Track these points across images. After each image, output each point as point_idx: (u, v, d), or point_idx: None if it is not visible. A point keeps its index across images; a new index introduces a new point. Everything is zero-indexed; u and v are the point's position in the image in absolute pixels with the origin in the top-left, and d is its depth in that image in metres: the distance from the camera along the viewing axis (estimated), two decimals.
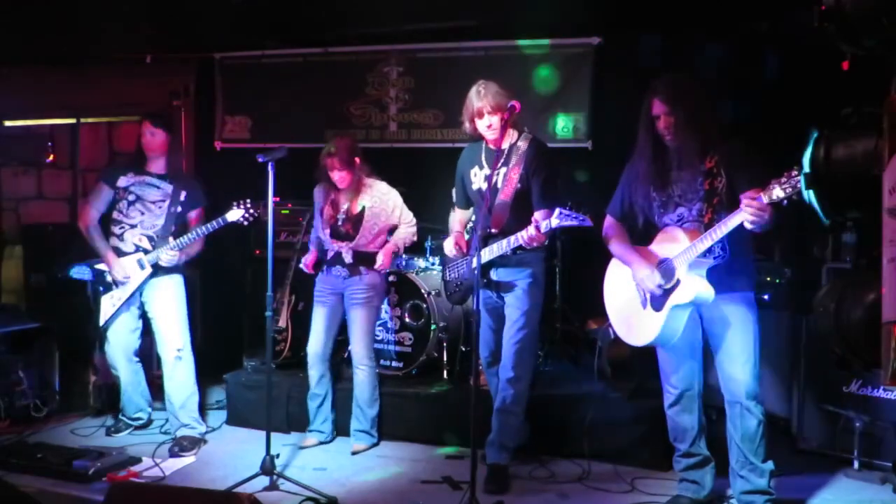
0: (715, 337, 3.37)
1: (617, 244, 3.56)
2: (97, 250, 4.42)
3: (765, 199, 2.91)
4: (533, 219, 3.57)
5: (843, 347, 3.39)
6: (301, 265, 4.51)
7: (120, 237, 4.40)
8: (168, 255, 4.31)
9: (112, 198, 4.46)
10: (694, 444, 3.52)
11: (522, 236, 3.59)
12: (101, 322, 4.43)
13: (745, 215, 2.98)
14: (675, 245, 3.28)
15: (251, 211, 4.24)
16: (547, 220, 3.47)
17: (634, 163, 3.50)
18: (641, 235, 3.55)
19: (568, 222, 3.40)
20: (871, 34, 3.02)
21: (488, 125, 3.76)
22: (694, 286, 3.21)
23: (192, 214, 4.50)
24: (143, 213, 4.40)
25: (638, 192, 3.46)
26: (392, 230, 4.49)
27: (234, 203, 4.25)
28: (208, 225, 4.31)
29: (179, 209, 4.43)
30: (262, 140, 5.80)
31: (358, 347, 4.40)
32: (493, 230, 3.79)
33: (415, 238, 4.55)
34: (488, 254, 3.76)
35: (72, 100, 6.28)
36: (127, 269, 4.35)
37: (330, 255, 4.39)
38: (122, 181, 4.44)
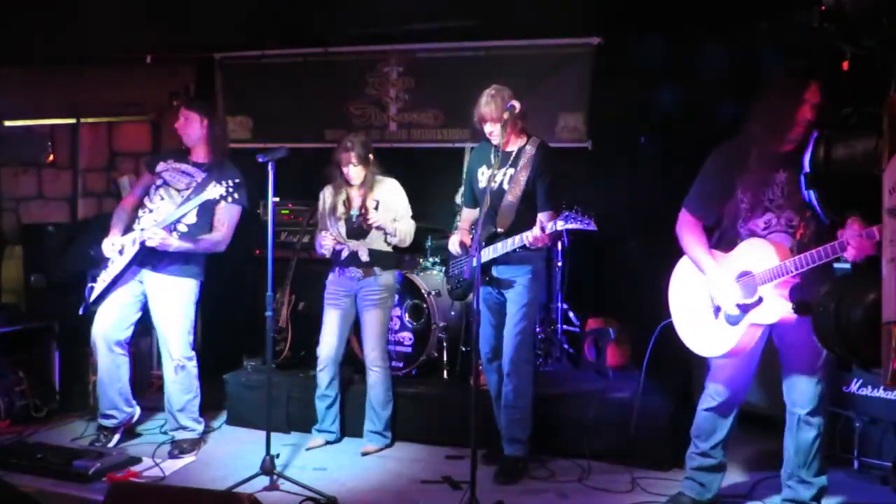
0: (785, 347, 3.24)
1: (693, 245, 3.29)
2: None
3: (878, 236, 2.68)
4: (538, 220, 3.62)
5: (843, 347, 3.39)
6: (322, 249, 4.33)
7: (138, 220, 4.30)
8: (151, 231, 4.08)
9: (149, 182, 4.42)
10: (715, 447, 3.43)
11: (527, 237, 3.64)
12: (91, 299, 4.32)
13: (850, 251, 2.76)
14: (760, 259, 3.07)
15: (231, 190, 3.99)
16: (552, 223, 3.52)
17: (729, 153, 3.25)
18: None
19: (573, 225, 3.45)
20: (871, 34, 3.02)
21: (490, 132, 3.88)
22: (778, 308, 3.04)
23: (217, 207, 4.22)
24: (162, 199, 4.29)
25: (730, 187, 3.21)
26: None
27: (215, 181, 4.04)
28: (184, 201, 4.11)
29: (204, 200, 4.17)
30: (262, 140, 5.79)
31: (373, 349, 4.38)
32: (498, 230, 3.88)
33: (408, 239, 4.44)
34: (492, 252, 3.82)
35: (72, 100, 6.27)
36: (116, 246, 4.24)
37: (344, 254, 4.36)
38: (160, 166, 4.40)
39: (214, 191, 4.00)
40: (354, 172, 4.31)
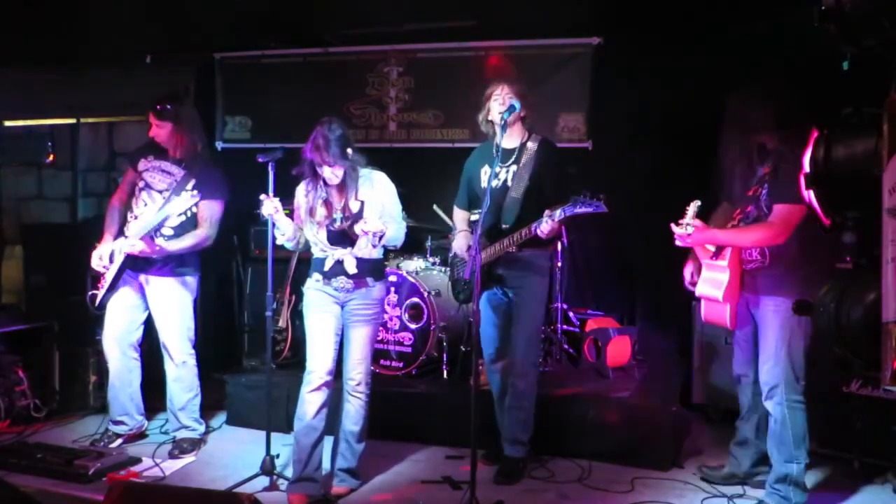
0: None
1: None
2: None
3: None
4: (546, 211, 3.63)
5: (843, 347, 3.40)
6: (264, 212, 3.75)
7: (127, 226, 4.30)
8: (132, 243, 4.10)
9: (134, 178, 4.41)
10: (742, 420, 3.80)
11: (541, 229, 3.64)
12: (96, 304, 4.33)
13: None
14: None
15: (194, 200, 4.03)
16: (560, 210, 3.56)
17: None
18: None
19: (582, 209, 3.50)
20: (871, 34, 3.02)
21: (499, 100, 3.88)
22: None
23: (198, 205, 4.16)
24: (146, 204, 4.29)
25: None
26: None
27: (185, 187, 4.07)
28: (158, 213, 4.10)
29: None
30: (262, 140, 5.79)
31: (357, 371, 3.74)
32: (504, 226, 3.87)
33: (397, 244, 3.81)
34: (508, 243, 3.81)
35: (72, 100, 6.27)
36: (104, 260, 4.25)
37: (329, 265, 3.74)
38: (142, 164, 4.38)
39: (179, 205, 4.02)
40: (331, 174, 3.65)
